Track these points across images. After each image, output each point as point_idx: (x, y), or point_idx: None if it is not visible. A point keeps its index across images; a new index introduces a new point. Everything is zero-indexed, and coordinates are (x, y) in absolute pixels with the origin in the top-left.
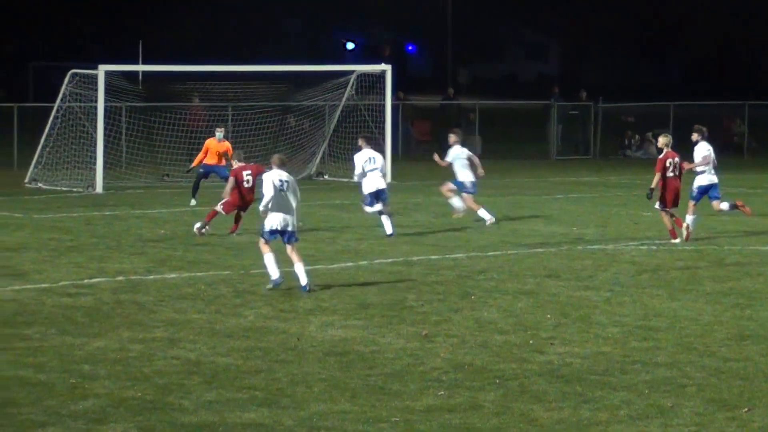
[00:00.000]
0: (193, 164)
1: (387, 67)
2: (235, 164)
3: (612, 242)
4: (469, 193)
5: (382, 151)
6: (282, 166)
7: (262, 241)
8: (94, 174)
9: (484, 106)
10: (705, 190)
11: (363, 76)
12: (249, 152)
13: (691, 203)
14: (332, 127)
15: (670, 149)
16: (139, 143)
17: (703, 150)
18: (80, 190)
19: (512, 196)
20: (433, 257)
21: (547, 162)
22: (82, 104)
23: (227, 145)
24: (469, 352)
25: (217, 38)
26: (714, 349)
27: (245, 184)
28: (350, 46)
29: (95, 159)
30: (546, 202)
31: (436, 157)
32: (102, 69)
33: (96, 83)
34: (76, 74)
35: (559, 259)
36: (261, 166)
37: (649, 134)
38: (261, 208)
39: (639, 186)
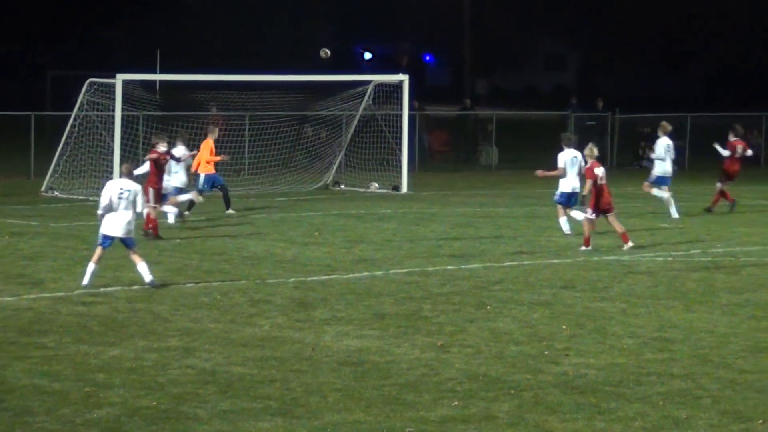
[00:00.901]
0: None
1: (404, 77)
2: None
3: (628, 253)
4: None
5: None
6: (128, 175)
7: (99, 248)
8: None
9: (502, 116)
10: (569, 197)
11: (380, 86)
12: (266, 161)
13: (560, 208)
14: (349, 136)
15: (594, 160)
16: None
17: (566, 156)
18: (97, 199)
19: (529, 207)
20: (449, 268)
21: None
22: (100, 113)
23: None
24: (484, 363)
25: (236, 48)
26: (729, 360)
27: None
28: (368, 56)
29: (112, 168)
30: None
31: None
32: (120, 78)
33: (113, 92)
34: (93, 83)
35: (574, 270)
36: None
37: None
38: (99, 212)
39: (655, 197)
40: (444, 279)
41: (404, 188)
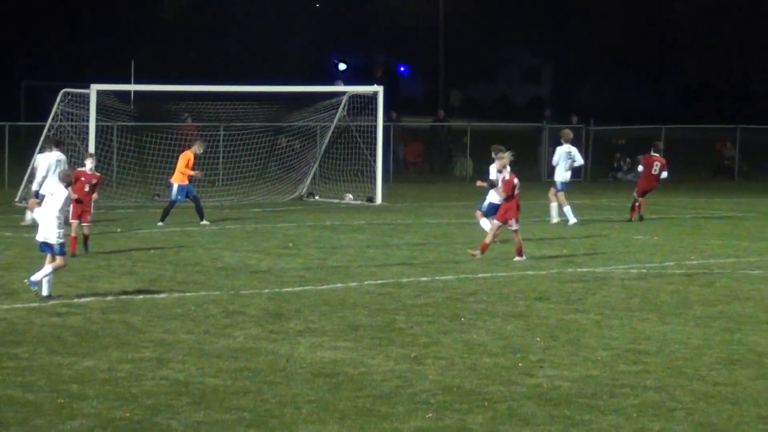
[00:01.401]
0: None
1: (379, 89)
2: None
3: (602, 265)
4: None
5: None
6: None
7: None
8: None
9: (476, 128)
10: (495, 206)
11: (355, 97)
12: (240, 172)
13: (479, 213)
14: (323, 148)
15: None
16: (130, 163)
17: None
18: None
19: None
20: (422, 279)
21: (539, 184)
22: (74, 123)
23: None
24: (458, 375)
25: (210, 59)
26: (703, 373)
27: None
28: (342, 66)
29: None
30: (536, 224)
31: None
32: (94, 88)
33: (88, 102)
34: (68, 93)
35: (548, 282)
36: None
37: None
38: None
39: (630, 209)
40: (418, 290)
41: (379, 199)
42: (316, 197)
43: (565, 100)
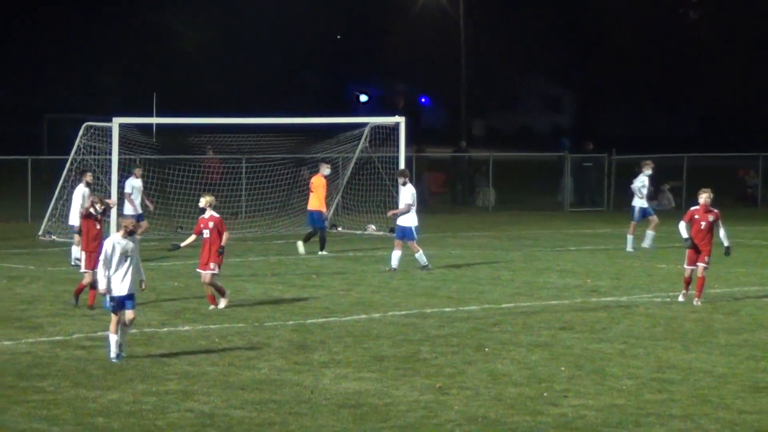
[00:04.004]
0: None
1: (401, 119)
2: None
3: (626, 294)
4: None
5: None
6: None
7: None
8: (108, 227)
9: (498, 157)
10: (412, 231)
11: (377, 128)
12: (263, 204)
13: (398, 241)
14: (346, 179)
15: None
16: (153, 195)
17: (408, 193)
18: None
19: (526, 249)
20: (446, 309)
21: (561, 214)
22: (96, 157)
23: None
24: (483, 405)
25: (231, 91)
26: (729, 401)
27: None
28: (364, 98)
29: (109, 212)
30: (560, 254)
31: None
32: (116, 121)
33: (110, 136)
34: (90, 127)
35: (573, 312)
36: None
37: (666, 186)
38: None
39: (655, 238)
40: (442, 321)
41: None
42: (339, 228)
43: (587, 129)
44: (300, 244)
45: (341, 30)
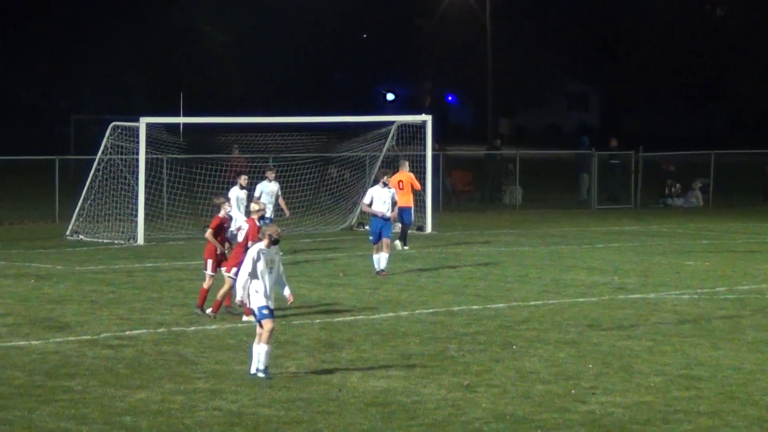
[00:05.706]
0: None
1: (427, 118)
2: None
3: (653, 291)
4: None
5: (422, 201)
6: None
7: None
8: (136, 226)
9: (525, 155)
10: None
11: (403, 127)
12: (290, 203)
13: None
14: (373, 177)
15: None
16: (180, 195)
17: (388, 195)
18: (121, 242)
19: (554, 246)
20: (474, 307)
21: (588, 211)
22: (124, 156)
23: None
24: (511, 402)
25: (258, 90)
26: (757, 398)
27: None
28: (390, 96)
29: (136, 211)
30: (587, 251)
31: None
32: (143, 121)
33: (137, 135)
34: (117, 126)
35: (600, 309)
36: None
37: (697, 184)
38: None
39: (680, 235)
40: (470, 319)
41: (428, 228)
42: (366, 227)
43: (614, 127)
44: (398, 242)
45: (368, 29)
